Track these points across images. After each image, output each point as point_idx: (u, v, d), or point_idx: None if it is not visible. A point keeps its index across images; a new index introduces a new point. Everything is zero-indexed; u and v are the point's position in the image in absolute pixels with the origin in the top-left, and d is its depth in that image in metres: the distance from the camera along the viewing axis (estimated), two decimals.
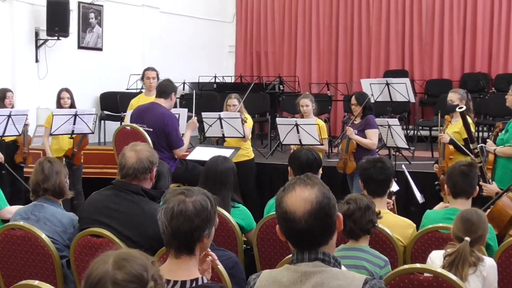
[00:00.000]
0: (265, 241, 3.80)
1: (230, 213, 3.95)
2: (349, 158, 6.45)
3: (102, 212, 3.37)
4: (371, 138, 6.45)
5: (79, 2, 9.87)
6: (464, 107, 5.21)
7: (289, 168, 4.29)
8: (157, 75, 7.40)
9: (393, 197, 4.42)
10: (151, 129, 5.91)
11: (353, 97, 6.69)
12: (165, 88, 6.17)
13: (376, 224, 3.25)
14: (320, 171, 4.38)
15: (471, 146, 4.97)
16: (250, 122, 6.95)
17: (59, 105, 7.14)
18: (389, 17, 11.53)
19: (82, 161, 7.16)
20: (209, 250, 2.36)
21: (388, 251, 3.44)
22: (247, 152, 6.98)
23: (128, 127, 6.18)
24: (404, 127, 9.56)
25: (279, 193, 1.97)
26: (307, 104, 6.78)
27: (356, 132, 6.51)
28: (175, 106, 6.66)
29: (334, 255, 1.94)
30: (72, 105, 7.15)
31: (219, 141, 7.29)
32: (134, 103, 7.29)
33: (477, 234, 3.05)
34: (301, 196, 1.91)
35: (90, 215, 3.42)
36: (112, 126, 9.07)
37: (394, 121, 6.82)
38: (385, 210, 3.70)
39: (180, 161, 6.15)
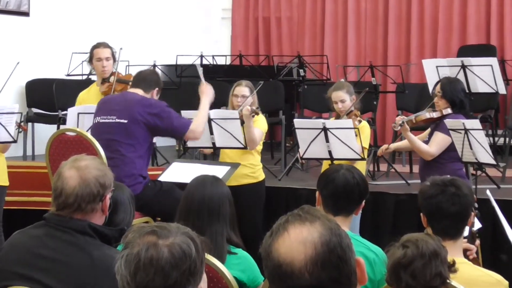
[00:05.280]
0: None
1: (224, 263, 3.94)
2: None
3: (29, 261, 3.38)
4: (431, 145, 6.60)
5: None
6: None
7: (317, 193, 4.29)
8: (113, 54, 7.38)
9: (477, 241, 4.40)
10: (126, 121, 6.04)
11: (438, 85, 6.81)
12: (145, 77, 6.38)
13: (448, 281, 3.25)
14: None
15: None
16: (261, 122, 6.91)
17: None
18: None
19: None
20: None
21: None
22: (253, 171, 6.93)
23: (71, 133, 6.24)
24: (490, 132, 9.55)
25: (266, 240, 1.99)
26: (342, 98, 6.78)
27: None
28: None
29: None
30: None
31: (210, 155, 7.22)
32: (85, 97, 7.31)
33: None
34: (298, 239, 1.93)
35: (10, 267, 3.42)
36: (45, 132, 9.11)
37: (474, 123, 6.80)
38: (461, 259, 3.71)
39: (150, 180, 6.20)
